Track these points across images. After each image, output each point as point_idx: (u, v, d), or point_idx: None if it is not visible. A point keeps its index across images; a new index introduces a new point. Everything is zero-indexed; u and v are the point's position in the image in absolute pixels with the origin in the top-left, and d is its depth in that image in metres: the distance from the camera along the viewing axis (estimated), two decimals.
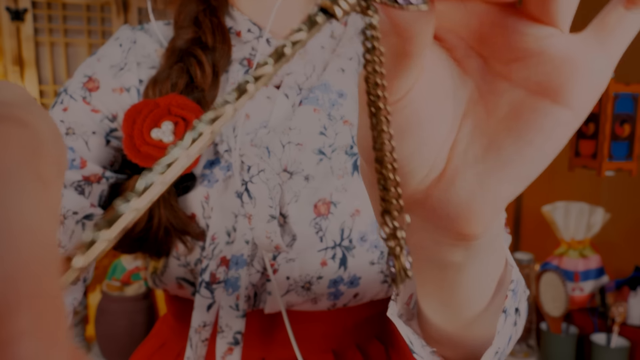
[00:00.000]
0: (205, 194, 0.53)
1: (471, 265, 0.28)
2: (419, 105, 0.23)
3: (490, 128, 0.23)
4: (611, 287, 1.53)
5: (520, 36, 0.22)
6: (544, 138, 0.22)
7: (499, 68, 0.23)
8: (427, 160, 0.24)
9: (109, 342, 1.59)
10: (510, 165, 0.23)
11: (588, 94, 0.22)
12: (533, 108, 0.22)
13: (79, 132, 0.52)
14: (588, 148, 1.48)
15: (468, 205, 0.24)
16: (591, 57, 0.22)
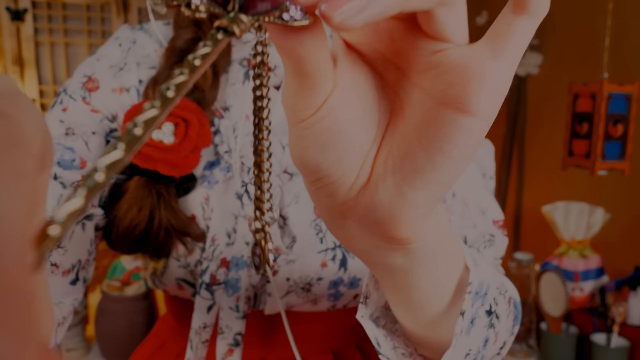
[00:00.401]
0: (206, 195, 0.53)
1: (418, 268, 0.29)
2: (337, 116, 0.24)
3: (406, 137, 0.24)
4: (611, 287, 1.53)
5: (420, 50, 0.23)
6: (451, 145, 0.23)
7: (414, 79, 0.24)
8: (352, 169, 0.25)
9: (109, 342, 1.59)
10: (423, 172, 0.24)
11: (488, 101, 0.23)
12: (439, 117, 0.23)
13: (79, 132, 0.52)
14: (581, 147, 1.48)
15: (391, 212, 0.25)
16: (486, 65, 0.22)
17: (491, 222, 0.55)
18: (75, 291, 0.50)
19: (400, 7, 0.20)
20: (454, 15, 0.22)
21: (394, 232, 0.25)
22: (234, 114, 0.55)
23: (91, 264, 0.52)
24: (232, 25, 0.19)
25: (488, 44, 0.23)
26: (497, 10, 1.55)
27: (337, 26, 0.19)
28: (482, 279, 0.36)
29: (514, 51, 0.23)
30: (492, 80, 0.23)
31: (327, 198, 0.26)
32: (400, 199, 0.25)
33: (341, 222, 0.27)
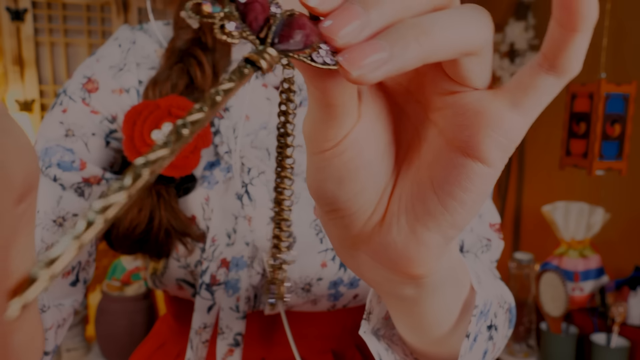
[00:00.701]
0: (206, 196, 0.53)
1: (427, 298, 0.29)
2: (358, 151, 0.23)
3: (419, 175, 0.24)
4: (611, 287, 1.53)
5: (439, 87, 0.23)
6: (462, 190, 0.23)
7: (431, 115, 0.24)
8: (369, 205, 0.25)
9: (109, 342, 1.59)
10: (434, 215, 0.23)
11: (497, 150, 0.22)
12: (449, 159, 0.23)
13: (79, 133, 0.52)
14: (579, 147, 1.48)
15: (404, 251, 0.24)
16: (502, 114, 0.22)
17: (488, 225, 0.55)
18: (76, 292, 0.50)
19: (423, 60, 0.19)
20: (479, 63, 0.22)
21: (407, 269, 0.25)
22: (233, 114, 0.55)
23: (91, 265, 0.52)
24: (260, 60, 0.18)
25: (508, 93, 0.22)
26: (497, 11, 1.57)
27: (354, 81, 0.19)
28: (486, 299, 0.36)
29: (534, 105, 0.22)
30: (505, 130, 0.22)
31: (341, 229, 0.26)
32: (414, 238, 0.24)
33: (353, 252, 0.27)
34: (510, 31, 1.99)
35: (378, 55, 0.18)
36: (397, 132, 0.25)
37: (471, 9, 0.21)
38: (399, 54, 0.19)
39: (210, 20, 0.18)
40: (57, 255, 0.14)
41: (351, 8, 0.19)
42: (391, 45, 0.18)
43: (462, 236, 0.53)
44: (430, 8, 0.21)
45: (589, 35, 0.20)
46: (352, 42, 0.19)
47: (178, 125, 0.16)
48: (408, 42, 0.19)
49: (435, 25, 0.19)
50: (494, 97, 0.22)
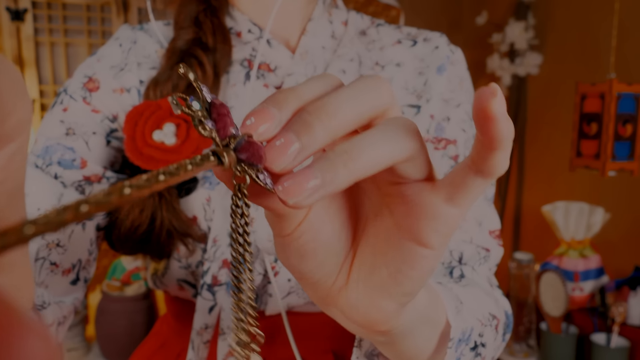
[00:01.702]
0: (207, 197, 0.53)
1: (401, 342, 0.32)
2: (313, 235, 0.26)
3: (375, 249, 0.27)
4: (611, 287, 1.53)
5: (384, 179, 0.25)
6: (409, 268, 0.25)
7: (383, 197, 0.26)
8: (330, 274, 0.27)
9: (109, 342, 1.59)
10: (386, 286, 0.26)
11: (437, 237, 0.25)
12: (397, 241, 0.25)
13: (79, 132, 0.52)
14: (590, 148, 1.47)
15: (365, 314, 0.27)
16: (439, 207, 0.24)
17: (487, 233, 0.55)
18: (76, 290, 0.50)
19: (353, 180, 0.22)
20: (413, 165, 0.24)
21: (371, 327, 0.28)
22: (234, 114, 0.55)
23: (92, 264, 0.52)
24: (224, 155, 0.21)
25: (443, 188, 0.24)
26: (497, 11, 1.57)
27: (291, 207, 0.21)
28: (464, 327, 0.38)
29: (466, 200, 0.24)
30: (442, 220, 0.24)
31: (312, 291, 0.29)
32: (372, 303, 0.27)
33: (326, 308, 0.29)
34: (510, 31, 1.99)
35: (311, 183, 0.21)
36: (355, 207, 0.28)
37: (396, 123, 0.23)
38: (330, 180, 0.21)
39: (191, 114, 0.21)
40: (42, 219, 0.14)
41: (286, 136, 0.22)
42: (322, 173, 0.21)
43: (461, 247, 0.53)
44: (363, 123, 0.23)
45: (508, 149, 0.22)
46: (288, 168, 0.22)
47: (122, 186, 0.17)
48: (337, 169, 0.21)
49: (361, 148, 0.22)
50: (432, 191, 0.24)
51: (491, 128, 0.21)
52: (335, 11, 0.62)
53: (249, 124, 0.22)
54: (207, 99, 0.22)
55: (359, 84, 0.24)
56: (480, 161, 0.23)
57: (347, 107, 0.23)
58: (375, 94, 0.24)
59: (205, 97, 0.22)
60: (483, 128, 0.21)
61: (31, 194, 0.48)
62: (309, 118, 0.22)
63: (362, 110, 0.23)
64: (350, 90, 0.23)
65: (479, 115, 0.21)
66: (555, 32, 1.97)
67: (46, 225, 0.14)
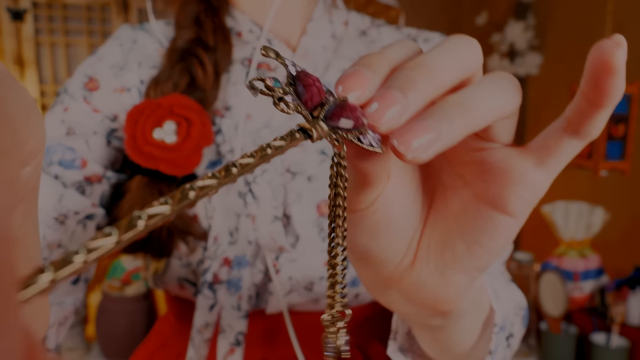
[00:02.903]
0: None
1: (453, 326, 0.31)
2: (388, 210, 0.25)
3: (446, 223, 0.26)
4: (611, 287, 1.53)
5: (467, 145, 0.24)
6: (489, 239, 0.25)
7: (457, 169, 0.26)
8: (399, 252, 0.27)
9: (109, 342, 1.59)
10: (462, 260, 0.25)
11: (523, 204, 0.24)
12: (477, 211, 0.25)
13: (80, 132, 0.52)
14: (583, 148, 1.48)
15: (434, 291, 0.26)
16: (528, 172, 0.23)
17: None
18: (77, 291, 0.50)
19: (468, 133, 0.21)
20: (509, 124, 0.23)
21: (436, 307, 0.27)
22: (235, 113, 0.55)
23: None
24: (312, 129, 0.20)
25: (533, 152, 0.23)
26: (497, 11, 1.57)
27: (409, 161, 0.20)
28: (505, 315, 0.38)
29: (557, 164, 0.23)
30: (530, 186, 0.23)
31: (373, 273, 0.28)
32: (442, 280, 0.26)
33: (384, 290, 0.29)
34: (510, 31, 1.99)
35: (428, 136, 0.20)
36: (425, 184, 0.27)
37: (501, 79, 0.22)
38: (446, 132, 0.20)
39: (271, 93, 0.20)
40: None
41: (389, 94, 0.20)
42: (439, 124, 0.20)
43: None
44: (459, 81, 0.22)
45: (612, 108, 0.21)
46: (395, 126, 0.20)
47: (229, 164, 0.18)
48: (454, 120, 0.20)
49: (476, 100, 0.21)
50: (520, 156, 0.24)
51: (609, 82, 0.20)
52: (335, 11, 0.62)
53: (341, 90, 0.21)
54: (292, 72, 0.21)
55: (451, 43, 0.22)
56: (579, 121, 0.22)
57: (445, 64, 0.21)
58: (469, 52, 0.23)
59: (291, 71, 0.21)
60: (598, 82, 0.20)
61: None
62: (411, 74, 0.21)
63: (459, 67, 0.22)
64: (444, 49, 0.22)
65: (596, 67, 0.20)
66: (555, 32, 1.97)
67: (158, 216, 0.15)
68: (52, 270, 0.13)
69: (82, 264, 0.14)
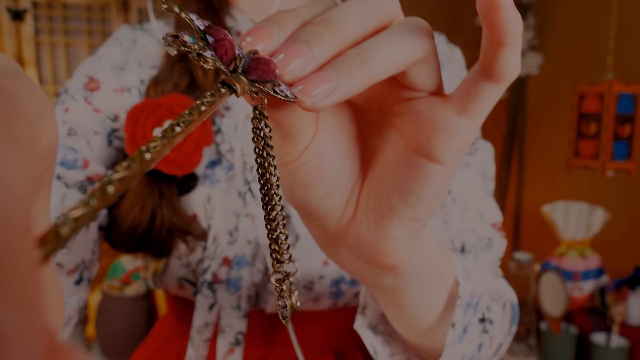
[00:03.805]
0: (207, 194, 0.53)
1: (408, 287, 0.32)
2: (319, 161, 0.26)
3: (383, 176, 0.26)
4: (611, 287, 1.53)
5: (396, 95, 0.25)
6: (419, 187, 0.25)
7: (391, 120, 0.26)
8: (338, 205, 0.27)
9: (109, 342, 1.59)
10: (397, 210, 0.26)
11: (450, 151, 0.24)
12: (408, 160, 0.25)
13: (81, 132, 0.52)
14: (589, 148, 1.48)
15: (375, 244, 0.27)
16: (451, 119, 0.24)
17: (489, 225, 0.55)
18: (80, 291, 0.50)
19: (369, 83, 0.22)
20: (425, 69, 0.24)
21: (380, 261, 0.27)
22: (234, 112, 0.55)
23: (95, 263, 0.52)
24: (234, 83, 0.21)
25: (455, 99, 0.24)
26: None
27: (308, 109, 0.21)
28: (473, 291, 0.38)
29: (480, 110, 0.24)
30: (455, 133, 0.24)
31: (319, 229, 0.28)
32: (381, 233, 0.26)
33: (334, 249, 0.29)
34: None
35: (327, 85, 0.21)
36: (362, 137, 0.28)
37: (408, 25, 0.23)
38: (345, 82, 0.21)
39: (187, 50, 0.20)
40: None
41: (295, 46, 0.21)
42: (337, 75, 0.21)
43: (463, 237, 0.53)
44: (368, 33, 0.23)
45: (517, 46, 0.21)
46: (299, 76, 0.21)
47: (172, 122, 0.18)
48: (352, 71, 0.21)
49: (375, 50, 0.22)
50: (444, 104, 0.24)
51: (497, 18, 0.20)
52: None
53: (247, 43, 0.22)
54: (199, 27, 0.21)
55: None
56: (488, 63, 0.22)
57: (353, 17, 0.22)
58: (380, 4, 0.23)
59: (198, 26, 0.21)
60: (488, 20, 0.21)
61: None
62: (317, 28, 0.22)
63: (368, 20, 0.23)
64: (354, 3, 0.23)
65: (484, 6, 0.20)
66: (555, 32, 1.97)
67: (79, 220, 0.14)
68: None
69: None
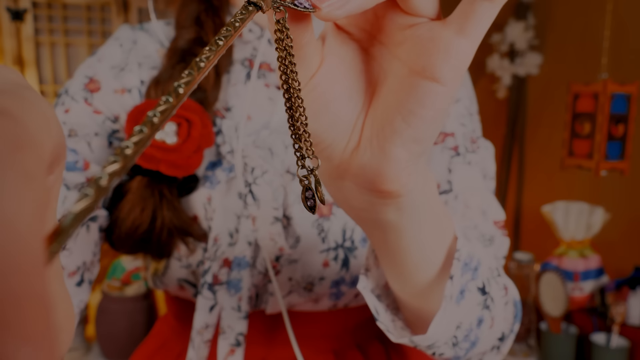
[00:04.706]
0: (208, 196, 0.53)
1: (408, 227, 0.33)
2: (324, 89, 0.28)
3: (387, 103, 0.28)
4: (611, 287, 1.53)
5: (397, 24, 0.27)
6: (420, 107, 0.27)
7: (393, 51, 0.28)
8: (343, 134, 0.29)
9: (109, 342, 1.59)
10: (399, 132, 0.27)
11: (450, 71, 0.26)
12: (411, 83, 0.27)
13: (81, 133, 0.52)
14: (583, 148, 1.48)
15: (378, 169, 0.28)
16: (451, 40, 0.26)
17: (492, 222, 0.55)
18: (81, 293, 0.50)
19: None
20: None
21: (383, 185, 0.29)
22: (235, 114, 0.55)
23: (95, 265, 0.52)
24: (260, 1, 0.23)
25: (453, 21, 0.26)
26: None
27: (323, 17, 0.23)
28: (471, 252, 0.39)
29: (477, 30, 0.26)
30: (454, 53, 0.26)
31: (325, 162, 0.30)
32: (384, 156, 0.28)
33: (339, 183, 0.31)
34: (510, 31, 1.99)
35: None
36: (365, 72, 0.29)
37: None
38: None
39: None
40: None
41: None
42: None
43: (465, 233, 0.53)
44: None
45: None
46: None
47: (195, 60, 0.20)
48: None
49: None
50: (443, 26, 0.26)
51: None
52: None
53: None
54: None
55: None
56: None
57: None
58: None
59: None
60: None
61: None
62: None
63: None
64: None
65: None
66: (555, 32, 1.97)
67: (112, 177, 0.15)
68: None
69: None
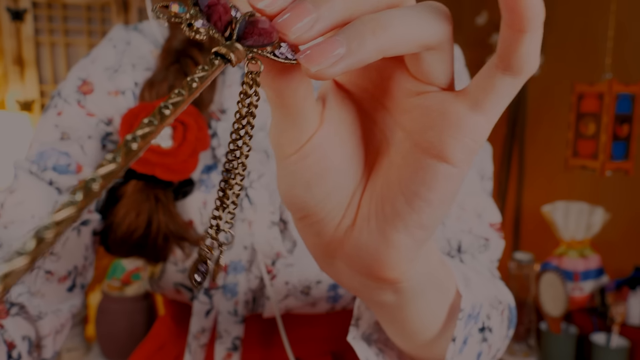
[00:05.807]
0: (203, 200, 0.53)
1: (408, 305, 0.29)
2: (323, 155, 0.24)
3: (388, 178, 0.24)
4: (611, 287, 1.53)
5: (405, 90, 0.23)
6: (427, 189, 0.23)
7: (398, 118, 0.24)
8: (339, 209, 0.25)
9: (109, 342, 1.59)
10: (402, 215, 0.23)
11: (462, 151, 0.22)
12: (416, 160, 0.23)
13: (74, 136, 0.52)
14: (588, 148, 1.47)
15: (376, 254, 0.24)
16: (465, 115, 0.22)
17: (487, 225, 0.55)
18: (73, 297, 0.50)
19: (381, 53, 0.20)
20: (440, 59, 0.22)
21: (380, 273, 0.25)
22: (230, 116, 0.55)
23: (89, 269, 0.52)
24: (229, 53, 0.19)
25: (469, 94, 0.22)
26: (497, 10, 1.56)
27: (313, 76, 0.19)
28: (474, 302, 0.36)
29: (495, 106, 0.22)
30: (468, 131, 0.22)
31: (315, 237, 0.26)
32: (384, 241, 0.24)
33: (329, 260, 0.27)
34: None
35: (336, 51, 0.19)
36: (365, 139, 0.26)
37: (428, 6, 0.21)
38: (356, 49, 0.19)
39: (178, 20, 0.19)
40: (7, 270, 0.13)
41: (301, 5, 0.19)
42: (348, 40, 0.19)
43: (459, 237, 0.53)
44: (382, 6, 0.21)
45: (538, 34, 0.20)
46: (304, 36, 0.19)
47: (160, 106, 0.17)
48: (364, 37, 0.19)
49: (392, 19, 0.20)
50: (456, 99, 0.22)
51: (519, 1, 0.19)
52: None
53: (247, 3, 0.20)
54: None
55: None
56: (506, 53, 0.20)
57: None
58: None
59: None
60: (508, 2, 0.19)
61: (26, 201, 0.48)
62: None
63: None
64: None
65: None
66: (555, 32, 1.96)
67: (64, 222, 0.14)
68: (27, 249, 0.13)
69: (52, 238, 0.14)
